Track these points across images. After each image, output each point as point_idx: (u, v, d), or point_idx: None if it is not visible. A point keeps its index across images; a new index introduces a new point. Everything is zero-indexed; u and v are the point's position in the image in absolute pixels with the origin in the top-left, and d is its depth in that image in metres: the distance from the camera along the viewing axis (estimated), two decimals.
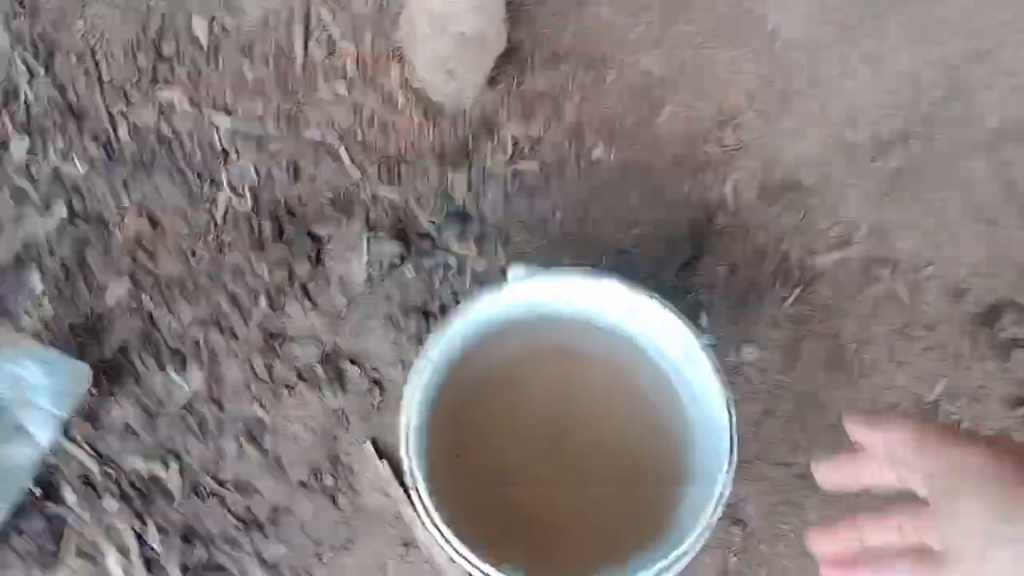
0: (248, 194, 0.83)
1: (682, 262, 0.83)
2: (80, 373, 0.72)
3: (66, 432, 0.74)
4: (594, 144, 0.87)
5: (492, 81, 0.86)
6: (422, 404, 0.60)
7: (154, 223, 0.82)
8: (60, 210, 0.81)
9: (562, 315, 0.68)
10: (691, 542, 0.54)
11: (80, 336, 0.78)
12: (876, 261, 0.83)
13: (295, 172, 0.84)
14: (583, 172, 0.86)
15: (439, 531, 0.54)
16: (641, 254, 0.84)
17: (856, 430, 0.35)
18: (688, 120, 0.89)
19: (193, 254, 0.81)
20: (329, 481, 0.74)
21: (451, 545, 0.54)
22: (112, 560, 0.71)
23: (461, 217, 0.85)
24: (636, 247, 0.84)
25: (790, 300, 0.81)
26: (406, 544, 0.72)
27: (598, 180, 0.86)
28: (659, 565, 0.54)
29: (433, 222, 0.84)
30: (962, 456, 0.30)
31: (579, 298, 0.65)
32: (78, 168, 0.83)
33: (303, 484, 0.74)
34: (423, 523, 0.55)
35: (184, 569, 0.71)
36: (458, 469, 0.67)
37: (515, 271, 0.63)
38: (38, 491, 0.73)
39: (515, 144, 0.87)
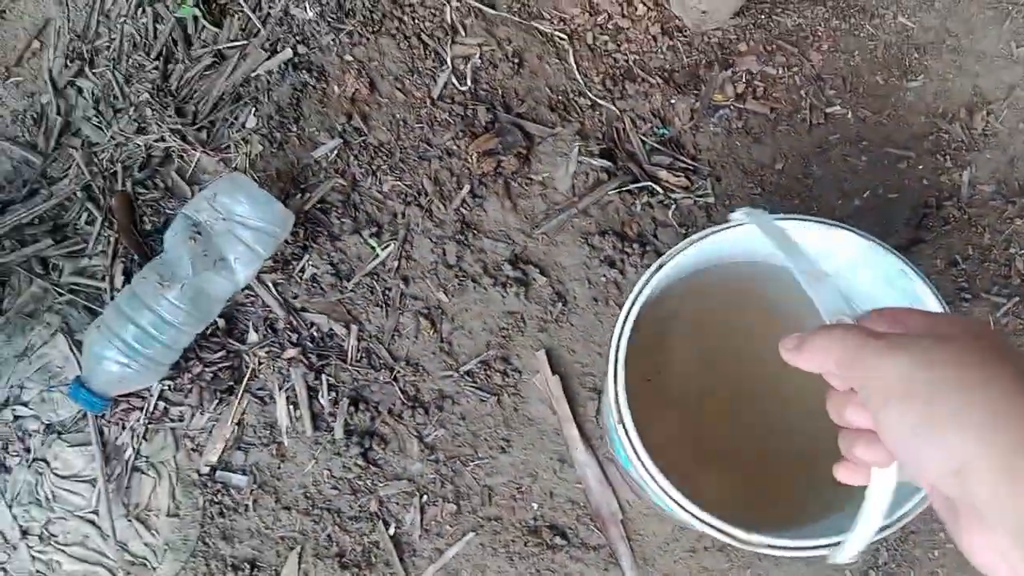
0: (469, 77, 0.81)
1: (898, 245, 0.78)
2: (286, 218, 0.73)
3: (259, 274, 0.76)
4: (833, 98, 0.81)
5: (740, 9, 0.80)
6: (629, 334, 0.58)
7: (372, 86, 0.81)
8: (286, 53, 0.80)
9: (774, 265, 0.65)
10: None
11: (283, 183, 0.79)
12: None
13: (519, 64, 0.81)
14: (814, 126, 0.81)
15: (654, 480, 0.54)
16: (856, 227, 0.79)
17: (789, 356, 0.36)
18: (939, 94, 0.82)
19: (404, 124, 0.80)
20: (497, 380, 0.75)
21: (664, 491, 0.53)
22: (281, 408, 0.74)
23: (676, 146, 0.81)
24: (851, 218, 0.79)
25: (1004, 309, 0.76)
26: (562, 460, 0.73)
27: (828, 138, 0.81)
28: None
29: (646, 143, 0.81)
30: (883, 368, 0.31)
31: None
32: (307, 12, 0.81)
33: (470, 376, 0.75)
34: (630, 460, 0.55)
35: (348, 432, 0.73)
36: (644, 399, 0.66)
37: (739, 215, 0.60)
38: (222, 322, 0.76)
39: (749, 81, 0.81)
